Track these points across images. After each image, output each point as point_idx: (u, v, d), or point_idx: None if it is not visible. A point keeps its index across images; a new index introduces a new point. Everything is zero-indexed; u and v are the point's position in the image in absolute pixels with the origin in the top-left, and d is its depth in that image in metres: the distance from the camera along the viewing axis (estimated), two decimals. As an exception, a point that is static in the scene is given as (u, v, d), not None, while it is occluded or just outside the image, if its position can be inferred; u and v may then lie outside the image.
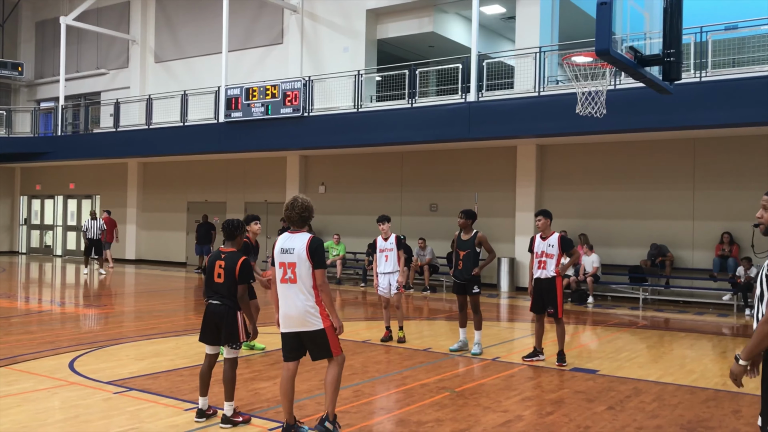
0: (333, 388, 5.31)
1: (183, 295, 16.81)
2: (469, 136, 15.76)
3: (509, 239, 17.30)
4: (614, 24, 6.38)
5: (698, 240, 15.10)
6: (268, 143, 19.03)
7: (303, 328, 5.27)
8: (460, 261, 9.01)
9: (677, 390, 7.11)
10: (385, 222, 9.94)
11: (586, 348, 10.24)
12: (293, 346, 5.36)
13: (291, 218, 5.39)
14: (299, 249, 5.25)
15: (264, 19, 22.05)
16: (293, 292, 5.26)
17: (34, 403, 6.39)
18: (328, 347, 5.28)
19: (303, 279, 5.24)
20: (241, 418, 5.79)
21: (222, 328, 5.79)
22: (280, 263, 5.33)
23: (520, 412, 6.41)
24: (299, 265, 5.24)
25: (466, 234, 9.04)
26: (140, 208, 25.13)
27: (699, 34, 13.30)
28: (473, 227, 9.08)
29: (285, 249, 5.32)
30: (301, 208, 5.36)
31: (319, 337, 5.26)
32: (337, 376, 5.33)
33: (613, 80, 13.33)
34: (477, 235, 8.97)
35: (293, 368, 5.38)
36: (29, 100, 29.49)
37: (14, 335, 10.03)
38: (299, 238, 5.32)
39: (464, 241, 9.03)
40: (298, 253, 5.24)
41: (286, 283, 5.30)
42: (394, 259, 9.87)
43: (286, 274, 5.30)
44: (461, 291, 9.12)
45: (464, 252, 8.99)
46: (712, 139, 14.90)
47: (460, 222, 9.02)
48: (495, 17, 21.00)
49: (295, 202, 5.40)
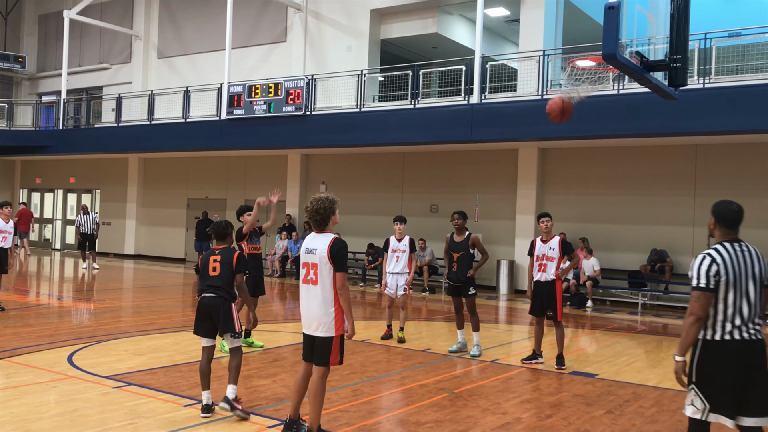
0: (317, 398, 5.18)
1: (182, 291, 16.79)
2: (471, 138, 15.75)
3: (509, 242, 17.30)
4: (620, 28, 6.38)
5: (698, 246, 15.09)
6: (270, 141, 19.02)
7: (316, 332, 5.22)
8: (455, 263, 9.00)
9: (676, 395, 7.11)
10: (401, 223, 9.97)
11: (584, 352, 10.24)
12: (308, 349, 5.32)
13: (314, 219, 5.29)
14: (321, 250, 5.17)
15: (268, 17, 22.04)
16: (313, 294, 5.21)
17: (33, 396, 6.38)
18: (327, 356, 5.20)
19: (324, 281, 5.17)
20: (240, 406, 5.83)
21: (216, 319, 5.92)
22: (304, 263, 5.30)
23: (519, 414, 6.40)
24: (320, 266, 5.17)
25: (459, 236, 9.04)
26: (140, 204, 25.11)
27: (703, 40, 13.30)
28: (466, 228, 9.09)
29: (309, 249, 5.27)
30: (312, 211, 5.25)
31: (326, 345, 5.20)
32: (321, 385, 5.20)
33: (615, 85, 13.35)
34: (470, 237, 8.97)
35: (310, 369, 5.34)
36: (31, 94, 29.46)
37: (13, 328, 10.01)
38: (323, 238, 5.24)
39: (458, 243, 9.02)
40: (320, 254, 5.17)
41: (308, 283, 5.26)
42: (405, 260, 9.87)
43: (308, 275, 5.25)
44: (456, 293, 9.12)
45: (458, 254, 8.98)
46: (714, 146, 14.91)
47: (455, 223, 9.00)
48: (499, 20, 21.01)
49: (314, 204, 5.25)
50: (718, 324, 4.15)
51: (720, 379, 4.14)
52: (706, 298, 4.14)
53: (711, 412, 4.15)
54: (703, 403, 4.16)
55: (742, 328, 4.14)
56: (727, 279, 4.15)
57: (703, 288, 4.14)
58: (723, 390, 4.12)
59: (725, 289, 4.15)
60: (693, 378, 4.23)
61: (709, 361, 4.18)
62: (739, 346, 4.12)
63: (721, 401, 4.12)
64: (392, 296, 9.94)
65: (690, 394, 4.22)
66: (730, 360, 4.11)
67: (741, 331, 4.14)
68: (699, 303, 4.15)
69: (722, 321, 4.15)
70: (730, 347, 4.11)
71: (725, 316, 4.15)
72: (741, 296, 4.16)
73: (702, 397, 4.17)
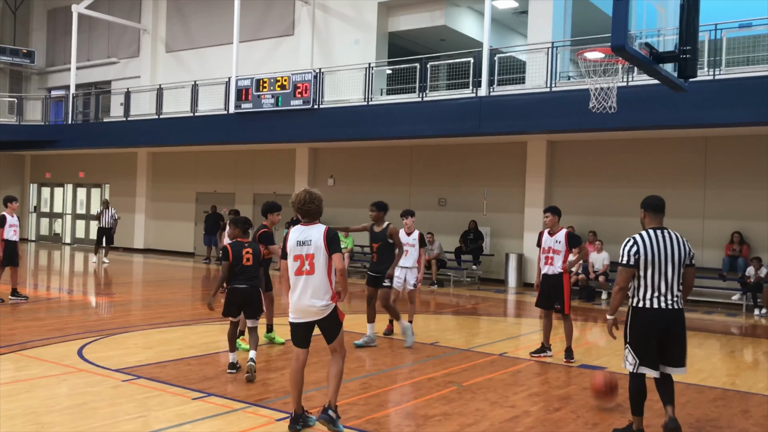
0: (337, 380, 5.41)
1: (191, 285, 16.85)
2: (479, 131, 15.69)
3: (518, 235, 17.26)
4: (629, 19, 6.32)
5: (708, 239, 15.01)
6: (278, 135, 19.03)
7: (317, 317, 5.37)
8: (374, 253, 9.08)
9: (686, 389, 7.08)
10: (410, 216, 9.97)
11: (594, 345, 10.21)
12: (305, 335, 5.48)
13: (310, 211, 5.44)
14: (317, 240, 5.34)
15: (275, 10, 22.02)
16: (310, 283, 5.33)
17: (44, 389, 6.42)
18: (338, 320, 5.44)
19: (321, 268, 5.33)
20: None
21: (246, 306, 7.16)
22: (296, 256, 5.39)
23: (528, 407, 6.39)
24: (317, 255, 5.33)
25: (378, 226, 9.04)
26: (149, 198, 25.19)
27: (713, 31, 13.19)
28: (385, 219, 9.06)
29: (301, 241, 5.39)
30: (319, 200, 5.47)
31: (333, 316, 5.41)
32: (341, 369, 5.45)
33: (625, 77, 13.25)
34: (389, 227, 8.98)
35: (303, 358, 5.46)
36: (40, 88, 29.57)
37: (23, 321, 10.08)
38: (315, 229, 5.40)
39: (376, 233, 9.03)
40: (315, 244, 5.34)
41: (302, 275, 5.36)
42: (415, 254, 9.85)
43: (303, 266, 5.36)
44: (375, 284, 9.13)
45: (377, 244, 9.04)
46: (725, 138, 14.80)
47: (372, 215, 9.02)
48: (507, 12, 20.90)
49: (311, 196, 5.45)
50: (640, 294, 5.28)
51: (644, 339, 5.24)
52: (626, 273, 5.31)
53: (640, 366, 5.26)
54: (634, 359, 5.28)
55: (660, 298, 5.23)
56: (646, 258, 5.25)
57: (624, 264, 5.31)
58: (647, 347, 5.24)
59: (644, 267, 5.25)
60: (626, 339, 5.36)
61: (636, 324, 5.30)
62: (657, 312, 5.22)
63: (646, 357, 5.24)
64: (398, 290, 9.89)
65: (625, 352, 5.36)
66: (650, 323, 5.23)
67: (660, 301, 5.23)
68: (621, 276, 5.35)
69: (643, 292, 5.27)
70: (650, 313, 5.23)
71: (646, 288, 5.25)
72: (660, 273, 5.23)
73: (633, 353, 5.29)
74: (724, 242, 14.75)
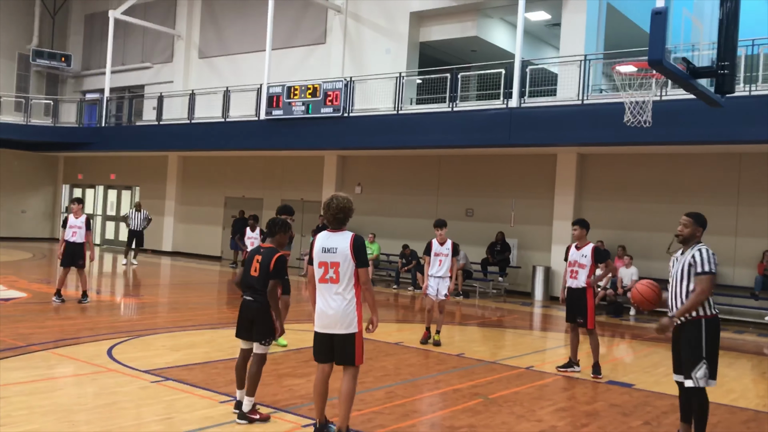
0: (348, 403, 5.19)
1: (218, 288, 16.99)
2: (509, 143, 15.63)
3: (545, 248, 17.13)
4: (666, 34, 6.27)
5: (740, 257, 14.76)
6: (308, 142, 19.15)
7: (337, 329, 5.21)
8: None
9: (716, 409, 6.95)
10: (442, 227, 9.92)
11: (621, 361, 10.09)
12: (326, 348, 5.29)
13: (340, 219, 5.28)
14: (343, 248, 5.19)
15: (308, 18, 22.19)
16: (334, 291, 5.22)
17: (75, 387, 6.52)
18: (353, 354, 5.22)
19: (346, 278, 5.19)
20: (258, 415, 5.75)
21: (254, 325, 5.82)
22: (321, 263, 5.25)
23: (555, 422, 6.33)
24: (343, 264, 5.18)
25: None
26: (178, 201, 25.49)
27: (750, 47, 13.01)
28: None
29: (327, 248, 5.24)
30: (335, 209, 5.25)
31: (349, 342, 5.20)
32: (353, 388, 5.23)
33: (659, 91, 13.12)
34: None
35: (328, 370, 5.35)
36: (75, 91, 30.11)
37: (54, 320, 10.25)
38: (341, 237, 5.25)
39: None
40: (341, 252, 5.18)
41: (327, 282, 5.24)
42: (448, 264, 9.85)
43: (327, 274, 5.23)
44: None
45: None
46: (760, 155, 14.55)
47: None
48: (539, 24, 20.83)
49: (331, 203, 5.28)
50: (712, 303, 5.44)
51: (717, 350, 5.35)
52: (714, 280, 5.45)
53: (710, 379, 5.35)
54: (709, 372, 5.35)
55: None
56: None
57: (713, 272, 5.44)
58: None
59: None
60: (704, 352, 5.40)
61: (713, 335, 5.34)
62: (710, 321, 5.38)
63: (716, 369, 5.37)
64: (433, 299, 9.92)
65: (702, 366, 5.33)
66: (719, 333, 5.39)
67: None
68: (709, 283, 5.41)
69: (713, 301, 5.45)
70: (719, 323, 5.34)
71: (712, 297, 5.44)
72: None
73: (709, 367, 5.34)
74: (755, 261, 14.49)
